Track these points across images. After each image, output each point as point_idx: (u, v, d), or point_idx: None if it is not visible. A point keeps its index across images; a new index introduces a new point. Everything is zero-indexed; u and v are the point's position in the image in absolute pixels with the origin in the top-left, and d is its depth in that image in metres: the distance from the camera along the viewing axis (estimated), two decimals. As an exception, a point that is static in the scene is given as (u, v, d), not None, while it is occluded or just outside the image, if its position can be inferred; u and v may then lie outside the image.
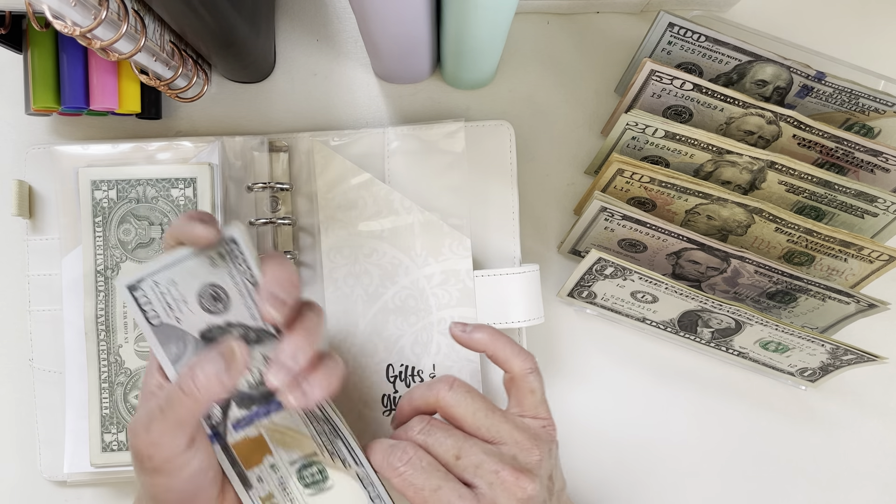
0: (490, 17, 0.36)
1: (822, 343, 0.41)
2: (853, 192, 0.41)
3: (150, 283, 0.34)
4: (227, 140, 0.45)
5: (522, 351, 0.36)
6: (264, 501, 0.36)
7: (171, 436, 0.32)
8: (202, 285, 0.34)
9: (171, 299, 0.35)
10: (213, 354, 0.32)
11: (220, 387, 0.32)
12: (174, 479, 0.32)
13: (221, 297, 0.35)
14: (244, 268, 0.34)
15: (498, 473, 0.32)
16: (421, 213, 0.44)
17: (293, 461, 0.36)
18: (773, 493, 0.47)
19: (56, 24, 0.33)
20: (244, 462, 0.36)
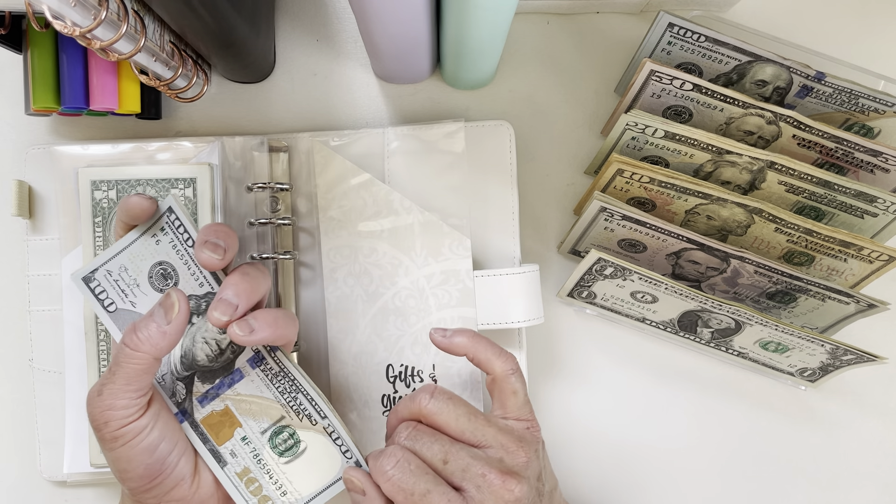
0: (490, 17, 0.36)
1: (822, 343, 0.41)
2: (853, 193, 0.41)
3: (103, 272, 0.36)
4: (226, 140, 0.45)
5: (503, 352, 0.37)
6: (241, 477, 0.36)
7: (122, 396, 0.32)
8: (150, 266, 0.36)
9: (125, 285, 0.36)
10: (153, 307, 0.34)
11: (162, 337, 0.33)
12: (134, 450, 0.33)
13: (169, 274, 0.36)
14: (185, 235, 0.35)
15: (485, 476, 0.32)
16: (421, 214, 0.44)
17: (263, 430, 0.36)
18: (773, 493, 0.47)
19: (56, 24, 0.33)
20: (215, 438, 0.36)
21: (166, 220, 0.36)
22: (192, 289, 0.36)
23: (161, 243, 0.36)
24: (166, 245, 0.36)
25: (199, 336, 0.36)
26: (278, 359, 0.37)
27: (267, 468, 0.36)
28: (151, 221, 0.36)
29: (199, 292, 0.36)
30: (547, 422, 0.47)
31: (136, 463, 0.33)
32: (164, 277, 0.36)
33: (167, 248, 0.36)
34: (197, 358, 0.36)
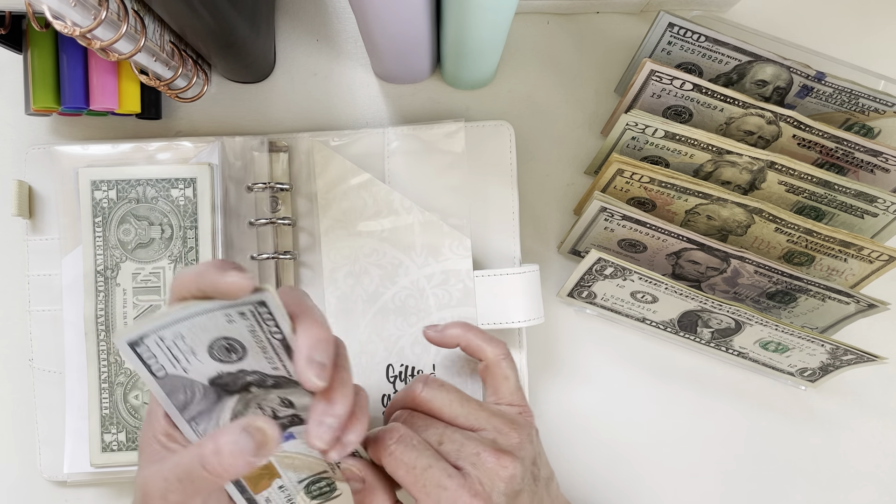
0: (490, 17, 0.36)
1: (822, 343, 0.41)
2: (853, 193, 0.41)
3: (155, 338, 0.31)
4: (227, 140, 0.45)
5: (493, 338, 0.38)
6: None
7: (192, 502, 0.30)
8: (214, 338, 0.31)
9: (178, 352, 0.32)
10: (240, 434, 0.29)
11: (246, 467, 0.29)
12: None
13: (236, 349, 0.32)
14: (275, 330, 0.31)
15: (479, 455, 0.33)
16: (421, 213, 0.44)
17: (301, 479, 0.36)
18: (773, 493, 0.47)
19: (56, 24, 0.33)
20: (252, 488, 0.35)
21: (252, 308, 0.30)
22: (261, 367, 0.32)
23: (235, 324, 0.31)
24: (241, 328, 0.31)
25: (253, 402, 0.34)
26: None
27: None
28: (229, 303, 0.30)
29: (269, 372, 0.33)
30: (547, 421, 0.47)
31: None
32: (227, 351, 0.32)
33: (241, 329, 0.31)
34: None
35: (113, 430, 0.43)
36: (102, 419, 0.43)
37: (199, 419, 0.33)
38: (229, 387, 0.33)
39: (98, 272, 0.43)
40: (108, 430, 0.43)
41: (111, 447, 0.43)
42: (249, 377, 0.33)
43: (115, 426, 0.43)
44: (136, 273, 0.43)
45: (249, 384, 0.33)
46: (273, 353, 0.32)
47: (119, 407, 0.43)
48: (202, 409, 0.33)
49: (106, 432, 0.43)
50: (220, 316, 0.30)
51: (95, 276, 0.43)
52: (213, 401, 0.33)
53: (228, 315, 0.30)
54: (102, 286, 0.43)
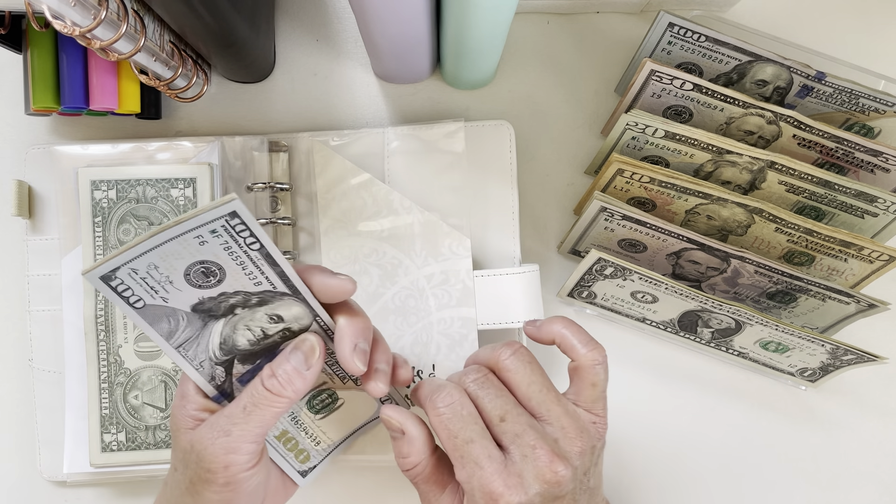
0: (490, 17, 0.36)
1: (822, 343, 0.41)
2: (853, 192, 0.41)
3: (127, 270, 0.31)
4: (226, 140, 0.45)
5: (592, 341, 0.35)
6: (279, 439, 0.36)
7: (252, 439, 0.32)
8: (189, 264, 0.31)
9: (154, 282, 0.32)
10: (291, 352, 0.32)
11: (302, 381, 0.32)
12: (238, 494, 0.32)
13: (213, 272, 0.32)
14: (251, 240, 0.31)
15: (535, 449, 0.31)
16: (421, 213, 0.44)
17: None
18: (774, 493, 0.47)
19: (56, 24, 0.33)
20: None
21: (224, 223, 0.31)
22: (243, 286, 0.33)
23: (208, 244, 0.31)
24: (214, 246, 0.31)
25: (241, 325, 0.34)
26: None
27: (303, 426, 0.37)
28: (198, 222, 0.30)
29: (252, 290, 0.33)
30: (547, 422, 0.47)
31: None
32: (204, 275, 0.32)
33: (215, 248, 0.31)
34: (238, 344, 0.34)
35: (112, 430, 0.43)
36: (102, 419, 0.43)
37: (186, 346, 0.33)
38: (213, 311, 0.33)
39: (98, 272, 0.43)
40: (107, 431, 0.43)
41: (111, 447, 0.43)
42: (232, 299, 0.33)
43: (115, 426, 0.43)
44: (136, 273, 0.43)
45: (233, 306, 0.33)
46: (254, 266, 0.32)
47: (119, 407, 0.43)
48: (189, 335, 0.33)
49: (105, 432, 0.43)
50: (190, 239, 0.30)
51: (95, 276, 0.43)
52: (199, 327, 0.33)
53: (200, 237, 0.30)
54: (102, 286, 0.43)
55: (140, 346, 0.43)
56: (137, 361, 0.43)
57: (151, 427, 0.43)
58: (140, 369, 0.43)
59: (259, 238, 0.31)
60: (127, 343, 0.43)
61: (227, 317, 0.34)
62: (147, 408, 0.43)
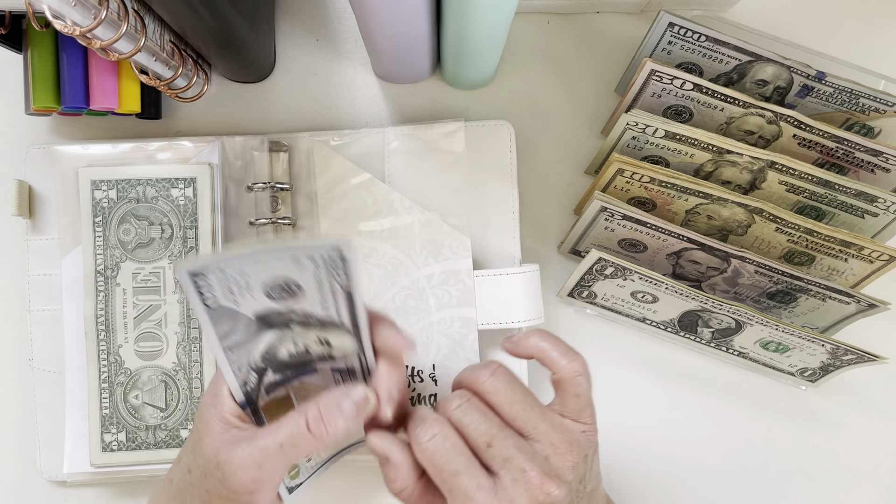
0: (490, 17, 0.36)
1: (823, 343, 0.41)
2: (853, 192, 0.41)
3: (217, 271, 0.31)
4: (227, 140, 0.45)
5: (571, 352, 0.35)
6: None
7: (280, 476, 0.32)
8: (272, 276, 0.31)
9: (235, 286, 0.32)
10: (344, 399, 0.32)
11: (346, 434, 0.32)
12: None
13: (292, 290, 0.32)
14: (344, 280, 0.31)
15: (525, 472, 0.31)
16: (421, 213, 0.44)
17: None
18: (773, 493, 0.47)
19: (56, 23, 0.33)
20: (267, 418, 0.36)
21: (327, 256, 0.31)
22: (312, 308, 0.33)
23: (303, 268, 0.31)
24: (307, 272, 0.31)
25: (289, 337, 0.34)
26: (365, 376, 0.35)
27: None
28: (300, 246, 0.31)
29: (319, 314, 0.33)
30: (547, 422, 0.47)
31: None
32: (282, 290, 0.32)
33: (305, 273, 0.31)
34: (279, 354, 0.34)
35: (113, 430, 0.43)
36: (102, 419, 0.43)
37: (234, 349, 0.33)
38: (270, 322, 0.33)
39: (98, 272, 0.43)
40: (107, 430, 0.43)
41: (111, 447, 0.43)
42: (295, 315, 0.33)
43: (115, 426, 0.43)
44: (137, 273, 0.43)
45: (292, 321, 0.33)
46: (331, 298, 0.32)
47: (119, 407, 0.43)
48: (240, 339, 0.33)
49: (106, 432, 0.43)
50: (287, 258, 0.31)
51: (95, 276, 0.43)
52: (253, 333, 0.33)
53: (297, 259, 0.31)
54: (102, 286, 0.43)
55: (140, 346, 0.43)
56: (138, 361, 0.43)
57: (152, 427, 0.43)
58: (140, 369, 0.43)
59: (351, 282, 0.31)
60: (127, 343, 0.43)
61: (281, 328, 0.34)
62: (147, 408, 0.43)
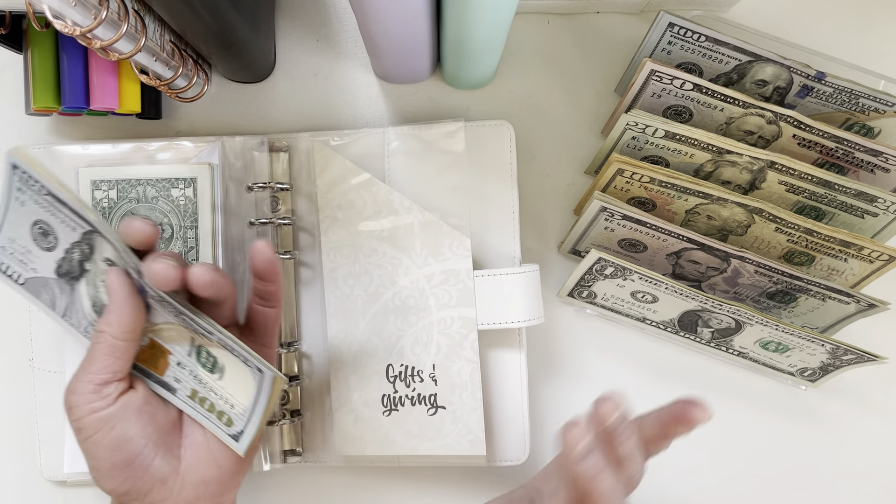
0: (490, 17, 0.36)
1: (822, 343, 0.41)
2: (853, 192, 0.41)
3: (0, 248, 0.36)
4: (227, 140, 0.45)
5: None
6: (192, 398, 0.36)
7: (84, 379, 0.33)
8: (28, 228, 0.35)
9: (19, 254, 0.36)
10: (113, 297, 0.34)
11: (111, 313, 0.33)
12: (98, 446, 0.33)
13: (46, 230, 0.35)
14: (36, 185, 0.34)
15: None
16: (421, 213, 0.44)
17: (188, 353, 0.36)
18: (774, 493, 0.47)
19: (56, 24, 0.33)
20: (155, 370, 0.36)
21: (17, 178, 0.34)
22: (69, 237, 0.35)
23: (25, 203, 0.34)
24: (31, 205, 0.34)
25: (98, 280, 0.36)
26: (145, 284, 0.35)
27: (209, 386, 0.36)
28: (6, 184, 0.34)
29: (76, 237, 0.35)
30: (546, 422, 0.47)
31: (103, 459, 0.33)
32: (44, 235, 0.35)
33: (34, 207, 0.34)
34: (103, 300, 0.36)
35: (113, 430, 0.43)
36: (102, 419, 0.43)
37: (69, 313, 0.36)
38: (71, 273, 0.36)
39: (98, 272, 0.43)
40: (107, 430, 0.43)
41: (111, 447, 0.43)
42: (74, 253, 0.35)
43: (115, 426, 0.43)
44: (136, 273, 0.43)
45: (81, 262, 0.35)
46: (58, 211, 0.34)
47: (119, 407, 0.43)
48: (66, 302, 0.36)
49: (106, 432, 0.43)
50: (15, 204, 0.34)
51: (95, 276, 0.43)
52: (69, 292, 0.36)
53: (18, 198, 0.34)
54: (102, 286, 0.43)
55: (140, 345, 0.43)
56: (137, 361, 0.43)
57: (151, 427, 0.43)
58: (140, 369, 0.43)
59: (39, 181, 0.34)
60: (127, 343, 0.43)
61: (84, 275, 0.36)
62: (147, 408, 0.43)
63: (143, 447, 0.34)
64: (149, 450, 0.34)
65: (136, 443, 0.33)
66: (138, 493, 0.33)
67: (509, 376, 0.45)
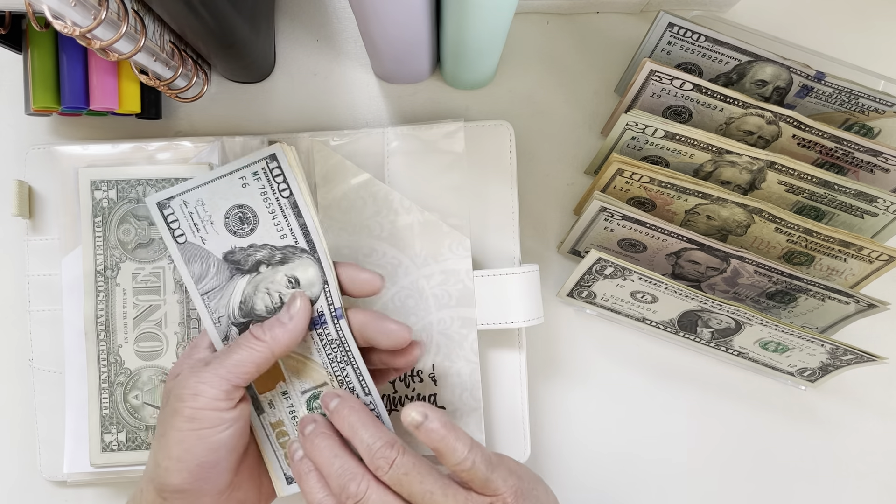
0: (490, 17, 0.36)
1: (822, 343, 0.41)
2: (853, 192, 0.41)
3: (180, 201, 0.36)
4: (227, 140, 0.45)
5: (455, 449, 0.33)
6: (274, 428, 0.37)
7: (222, 377, 0.33)
8: (230, 206, 0.35)
9: (198, 219, 0.36)
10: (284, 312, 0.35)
11: (283, 330, 0.34)
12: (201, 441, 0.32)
13: (248, 219, 0.36)
14: (283, 186, 0.35)
15: None
16: (421, 213, 0.44)
17: (304, 390, 0.37)
18: (773, 494, 0.47)
19: (56, 24, 0.33)
20: (256, 386, 0.37)
21: (265, 165, 0.35)
22: (271, 238, 0.36)
23: (249, 187, 0.35)
24: (254, 190, 0.35)
25: (262, 286, 0.36)
26: (340, 327, 0.37)
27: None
28: (245, 162, 0.35)
29: (278, 244, 0.36)
30: (546, 422, 0.47)
31: (194, 455, 0.32)
32: (241, 221, 0.36)
33: (254, 192, 0.35)
34: (255, 307, 0.36)
35: (113, 430, 0.43)
36: (102, 419, 0.43)
37: (211, 295, 0.36)
38: (241, 265, 0.36)
39: (98, 272, 0.43)
40: (107, 430, 0.43)
41: (111, 447, 0.43)
42: (259, 253, 0.36)
43: (115, 426, 0.43)
44: (136, 273, 0.43)
45: (259, 263, 0.36)
46: (282, 217, 0.35)
47: (119, 407, 0.43)
48: (215, 285, 0.36)
49: (106, 432, 0.43)
50: (235, 180, 0.35)
51: (95, 276, 0.43)
52: (226, 278, 0.36)
53: (243, 178, 0.35)
54: (102, 286, 0.43)
55: (140, 346, 0.43)
56: (138, 361, 0.43)
57: (152, 427, 0.43)
58: (140, 369, 0.43)
59: (290, 185, 0.35)
60: (127, 343, 0.43)
61: (252, 274, 0.36)
62: (147, 408, 0.43)
63: (228, 456, 0.34)
64: (232, 460, 0.34)
65: (230, 451, 0.34)
66: (193, 497, 0.33)
67: (509, 376, 0.45)
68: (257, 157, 0.35)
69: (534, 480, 0.35)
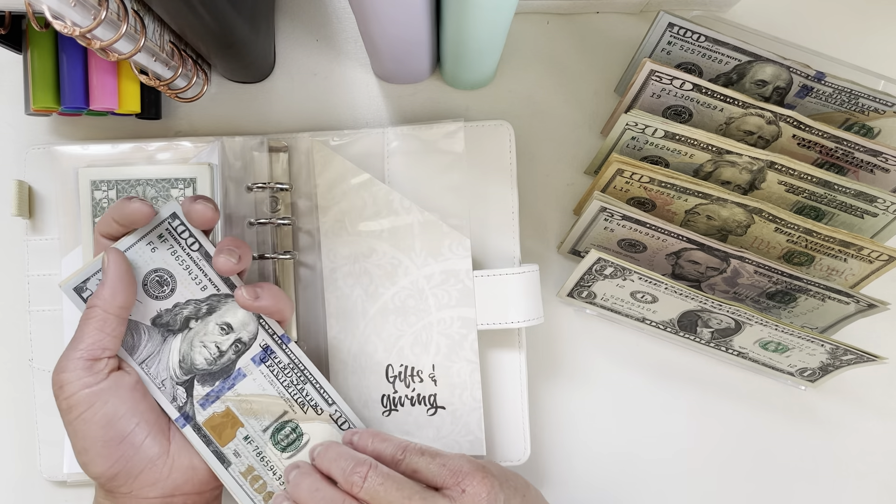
0: (490, 17, 0.36)
1: (822, 343, 0.41)
2: (853, 192, 0.41)
3: (96, 281, 0.35)
4: (226, 140, 0.45)
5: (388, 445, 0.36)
6: (245, 476, 0.37)
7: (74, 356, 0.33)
8: (145, 273, 0.35)
9: None
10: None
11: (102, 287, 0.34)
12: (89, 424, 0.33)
13: (166, 280, 0.36)
14: (191, 240, 0.35)
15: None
16: (420, 214, 0.44)
17: (265, 428, 0.37)
18: (773, 494, 0.47)
19: (56, 24, 0.33)
20: (218, 439, 0.37)
21: (167, 226, 0.35)
22: (192, 293, 0.36)
23: (157, 251, 0.35)
24: (164, 252, 0.36)
25: (196, 340, 0.36)
26: (290, 350, 0.37)
27: (270, 465, 0.37)
28: (148, 229, 0.35)
29: (200, 296, 0.36)
30: (546, 422, 0.47)
31: (93, 439, 0.33)
32: (159, 284, 0.36)
33: (164, 254, 0.36)
34: (196, 362, 0.36)
35: (113, 430, 0.43)
36: (102, 419, 0.43)
37: (149, 362, 0.36)
38: (171, 326, 0.36)
39: (98, 272, 0.43)
40: (107, 430, 0.43)
41: (111, 447, 0.43)
42: (185, 310, 0.36)
43: (115, 426, 0.43)
44: (136, 273, 0.43)
45: (188, 319, 0.36)
46: (198, 269, 0.36)
47: (119, 407, 0.43)
48: (151, 351, 0.36)
49: (106, 432, 0.43)
50: (144, 247, 0.35)
51: (95, 276, 0.43)
52: (160, 342, 0.36)
53: (151, 243, 0.35)
54: (102, 286, 0.43)
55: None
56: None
57: (151, 427, 0.43)
58: (140, 369, 0.43)
59: (197, 238, 0.35)
60: (127, 343, 0.43)
61: (184, 331, 0.36)
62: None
63: (135, 425, 0.34)
64: (140, 428, 0.34)
65: (128, 420, 0.34)
66: (127, 477, 0.33)
67: (509, 376, 0.45)
68: (157, 220, 0.36)
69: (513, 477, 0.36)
